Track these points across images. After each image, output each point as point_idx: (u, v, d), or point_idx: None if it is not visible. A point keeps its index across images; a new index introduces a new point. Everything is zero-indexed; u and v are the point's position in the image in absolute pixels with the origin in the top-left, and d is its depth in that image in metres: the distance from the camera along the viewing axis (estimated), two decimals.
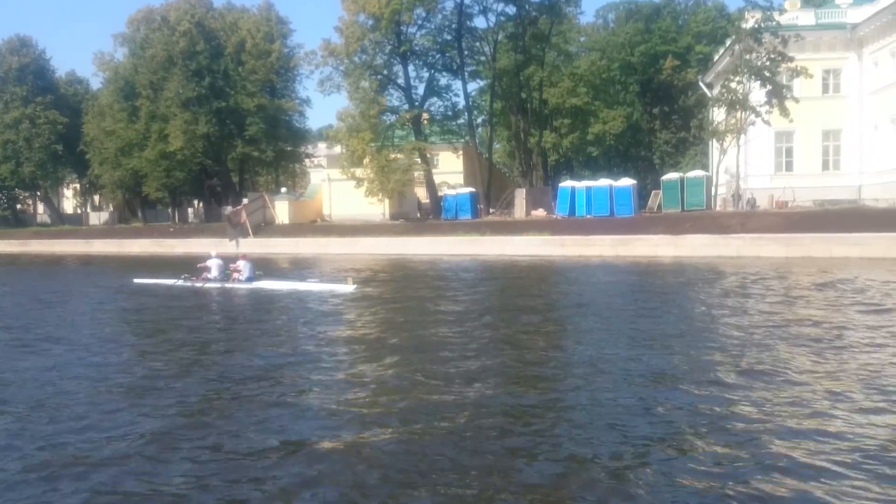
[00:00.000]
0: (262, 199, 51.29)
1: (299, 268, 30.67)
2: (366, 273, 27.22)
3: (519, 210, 43.18)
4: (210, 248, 28.59)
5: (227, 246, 41.19)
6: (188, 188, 65.34)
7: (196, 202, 72.29)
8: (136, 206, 72.16)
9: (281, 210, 51.28)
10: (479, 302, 17.23)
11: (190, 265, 25.50)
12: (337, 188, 52.78)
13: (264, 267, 26.06)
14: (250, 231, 46.04)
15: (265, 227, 48.25)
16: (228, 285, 21.95)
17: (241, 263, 22.50)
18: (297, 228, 47.31)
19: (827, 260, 26.71)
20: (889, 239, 27.18)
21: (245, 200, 52.95)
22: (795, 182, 40.50)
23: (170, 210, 69.92)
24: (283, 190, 59.26)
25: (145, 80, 59.69)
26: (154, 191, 62.45)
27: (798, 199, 38.63)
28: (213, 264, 23.04)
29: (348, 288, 19.81)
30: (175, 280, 23.31)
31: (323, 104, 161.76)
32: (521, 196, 43.88)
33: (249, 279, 22.12)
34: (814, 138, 42.25)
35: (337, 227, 46.18)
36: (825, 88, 42.28)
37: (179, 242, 49.37)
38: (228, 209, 53.06)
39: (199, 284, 22.46)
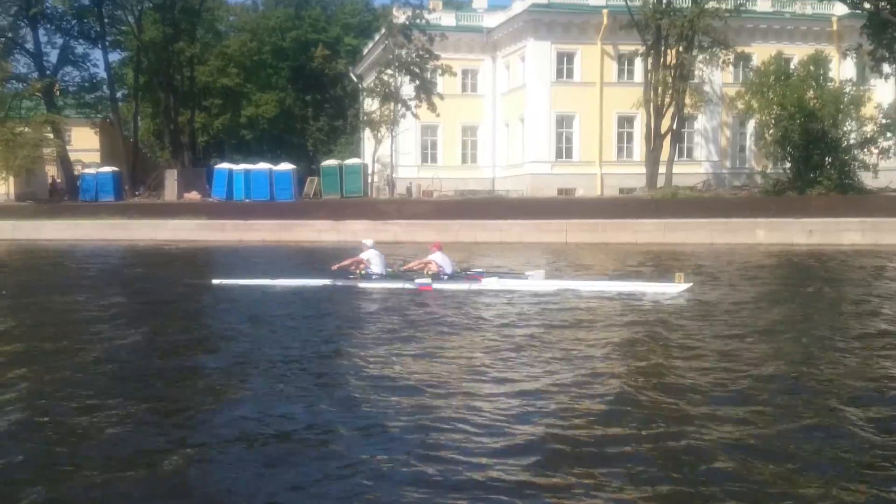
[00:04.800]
0: None
1: None
2: None
3: (170, 192, 40.75)
4: None
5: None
6: None
7: None
8: None
9: None
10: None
11: None
12: None
13: None
14: None
15: None
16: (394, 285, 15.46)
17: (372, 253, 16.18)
18: None
19: (472, 244, 29.09)
20: (522, 225, 30.44)
21: None
22: (439, 173, 43.49)
23: None
24: None
25: None
26: None
27: (443, 189, 41.61)
28: (372, 255, 16.17)
29: None
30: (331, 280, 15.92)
31: None
32: (172, 177, 41.47)
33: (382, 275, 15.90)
34: (455, 133, 45.83)
35: None
36: (464, 87, 45.99)
37: None
38: None
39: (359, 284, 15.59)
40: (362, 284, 15.39)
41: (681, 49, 36.23)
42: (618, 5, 38.78)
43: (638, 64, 40.56)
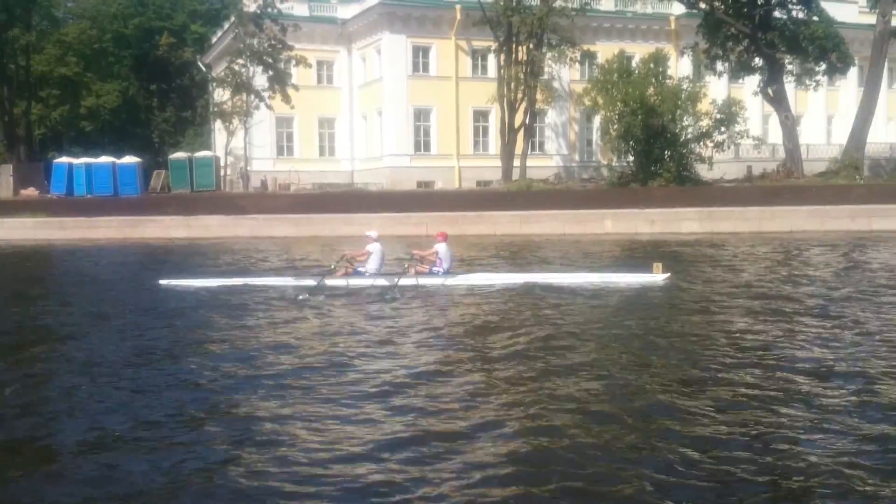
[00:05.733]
0: None
1: None
2: None
3: (5, 189, 37.87)
4: None
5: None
6: None
7: None
8: None
9: None
10: None
11: None
12: None
13: None
14: None
15: None
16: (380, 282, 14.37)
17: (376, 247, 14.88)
18: None
19: (334, 238, 28.77)
20: (384, 219, 30.35)
21: None
22: (296, 166, 42.69)
23: None
24: None
25: None
26: None
27: (301, 183, 40.92)
28: (376, 250, 14.86)
29: None
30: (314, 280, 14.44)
31: None
32: (7, 173, 38.65)
33: (377, 273, 14.69)
34: (311, 125, 45.15)
35: None
36: (320, 79, 45.38)
37: None
38: None
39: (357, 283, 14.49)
40: (353, 282, 14.42)
41: (531, 46, 37.31)
42: (470, 1, 39.43)
43: (491, 60, 41.43)
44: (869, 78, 36.34)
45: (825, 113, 48.63)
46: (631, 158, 35.90)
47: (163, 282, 15.31)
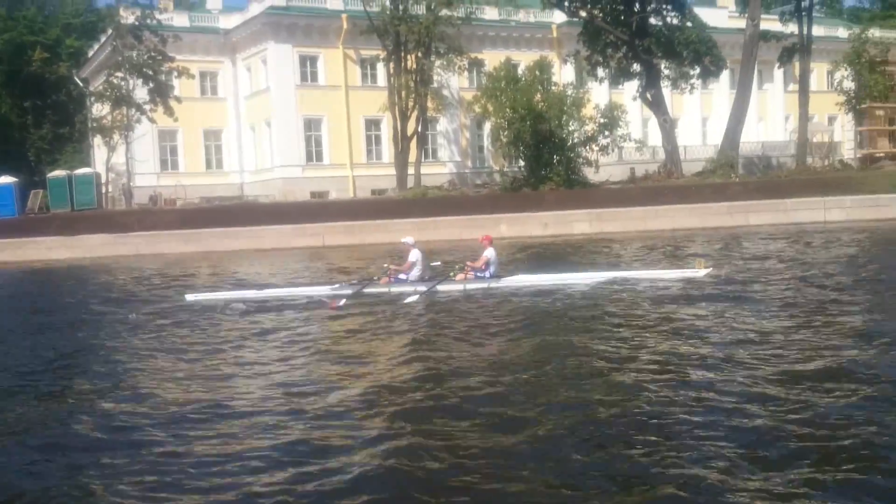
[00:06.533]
0: None
1: None
2: None
3: None
4: None
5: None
6: None
7: None
8: None
9: None
10: None
11: None
12: None
13: None
14: None
15: None
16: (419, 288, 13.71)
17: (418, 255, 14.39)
18: None
19: (225, 253, 28.12)
20: (277, 231, 29.92)
21: None
22: (182, 181, 41.45)
23: None
24: None
25: None
26: None
27: (188, 197, 39.74)
28: (417, 258, 14.34)
29: None
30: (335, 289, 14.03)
31: None
32: None
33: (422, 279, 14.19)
34: (196, 138, 44.02)
35: None
36: (204, 90, 44.31)
37: None
38: None
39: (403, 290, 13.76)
40: (400, 289, 13.83)
41: (419, 55, 37.62)
42: (357, 10, 39.41)
43: (381, 68, 41.52)
44: (740, 80, 38.32)
45: (700, 115, 51.10)
46: (522, 163, 36.64)
47: (189, 297, 14.50)
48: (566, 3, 39.11)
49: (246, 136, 44.69)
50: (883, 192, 30.44)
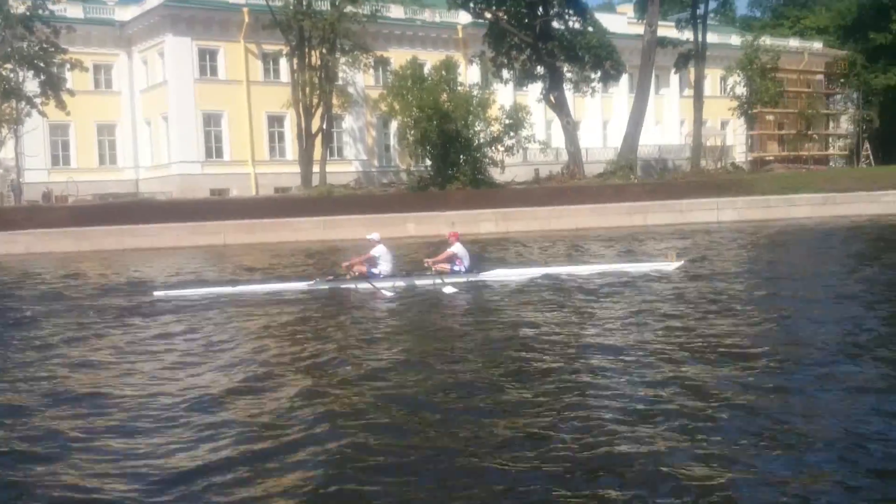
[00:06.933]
0: None
1: None
2: None
3: None
4: None
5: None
6: None
7: None
8: None
9: None
10: None
11: None
12: None
13: None
14: None
15: None
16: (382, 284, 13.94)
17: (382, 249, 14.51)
18: None
19: (119, 252, 27.00)
20: (175, 229, 28.89)
21: None
22: (75, 176, 39.61)
23: None
24: None
25: None
26: None
27: (80, 194, 38.03)
28: (381, 253, 14.42)
29: None
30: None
31: None
32: None
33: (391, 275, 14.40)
34: (90, 132, 42.25)
35: None
36: (98, 83, 42.56)
37: None
38: None
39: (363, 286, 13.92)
40: (378, 284, 13.87)
41: (324, 51, 37.13)
42: (259, 4, 38.56)
43: (283, 64, 40.78)
44: (639, 85, 39.56)
45: (601, 118, 52.44)
46: (429, 163, 36.71)
47: (157, 293, 14.15)
48: (471, 4, 39.46)
49: (141, 131, 43.12)
50: (772, 194, 32.03)
